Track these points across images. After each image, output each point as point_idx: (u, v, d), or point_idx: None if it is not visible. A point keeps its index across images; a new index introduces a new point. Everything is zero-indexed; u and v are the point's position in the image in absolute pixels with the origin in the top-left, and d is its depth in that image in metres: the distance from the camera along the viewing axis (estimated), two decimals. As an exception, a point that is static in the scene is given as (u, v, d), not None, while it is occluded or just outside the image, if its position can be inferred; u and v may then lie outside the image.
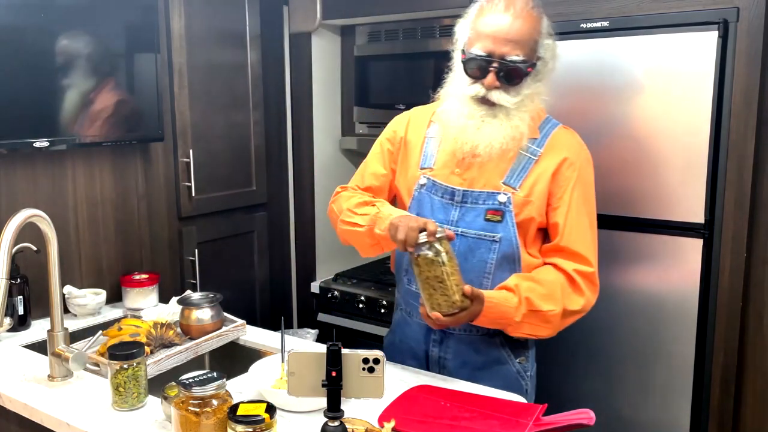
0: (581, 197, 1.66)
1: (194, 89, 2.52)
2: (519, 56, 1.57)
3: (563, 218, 1.64)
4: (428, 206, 1.71)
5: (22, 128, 1.97)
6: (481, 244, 1.65)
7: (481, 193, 1.66)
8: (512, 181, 1.65)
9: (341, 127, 3.08)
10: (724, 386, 2.00)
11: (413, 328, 1.78)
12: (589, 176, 1.69)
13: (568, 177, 1.64)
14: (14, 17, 1.92)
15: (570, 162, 1.65)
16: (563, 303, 1.62)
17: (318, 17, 2.81)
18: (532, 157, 1.65)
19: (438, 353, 1.74)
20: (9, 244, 1.52)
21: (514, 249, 1.65)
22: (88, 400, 1.54)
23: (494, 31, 1.58)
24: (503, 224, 1.64)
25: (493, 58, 1.58)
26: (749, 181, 1.90)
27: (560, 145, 1.67)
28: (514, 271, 1.66)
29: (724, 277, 1.96)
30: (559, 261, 1.65)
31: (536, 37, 1.60)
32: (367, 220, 1.67)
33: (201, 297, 1.96)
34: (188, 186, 2.52)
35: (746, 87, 1.86)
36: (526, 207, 1.64)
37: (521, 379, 1.74)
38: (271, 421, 1.22)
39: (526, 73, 1.59)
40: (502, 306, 1.58)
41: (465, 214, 1.67)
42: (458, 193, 1.68)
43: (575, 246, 1.64)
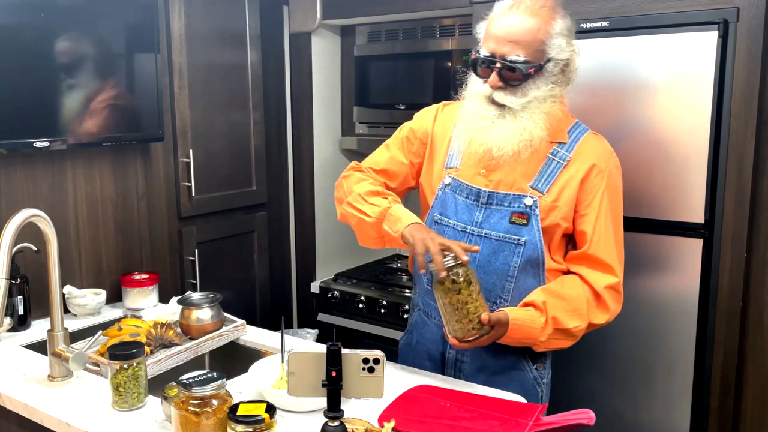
0: (609, 205, 1.64)
1: (194, 89, 2.52)
2: (519, 56, 1.55)
3: (591, 226, 1.62)
4: (452, 206, 1.69)
5: (22, 128, 1.97)
6: (505, 246, 1.63)
7: (507, 195, 1.64)
8: (540, 185, 1.63)
9: (341, 127, 3.08)
10: (724, 386, 2.00)
11: (431, 329, 1.76)
12: (617, 184, 1.67)
13: (597, 184, 1.62)
14: (14, 17, 1.92)
15: (599, 169, 1.63)
16: (588, 318, 1.61)
17: (318, 17, 2.81)
18: (560, 161, 1.63)
19: (455, 356, 1.72)
20: (9, 244, 1.52)
21: (538, 253, 1.62)
22: (88, 400, 1.54)
23: (497, 31, 1.57)
24: (528, 228, 1.62)
25: (495, 58, 1.57)
26: (749, 181, 1.90)
27: (589, 151, 1.64)
28: (537, 276, 1.64)
29: (724, 277, 1.96)
30: (585, 272, 1.63)
31: (542, 37, 1.56)
32: (377, 213, 1.65)
33: (201, 297, 1.96)
34: (188, 186, 2.52)
35: (746, 87, 1.86)
36: (553, 212, 1.62)
37: (537, 385, 1.72)
38: (271, 421, 1.22)
39: (528, 73, 1.57)
40: (528, 327, 1.56)
41: (490, 215, 1.65)
42: (483, 194, 1.66)
43: (602, 255, 1.62)
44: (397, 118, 2.79)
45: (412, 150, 1.80)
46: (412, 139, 1.80)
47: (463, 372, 1.71)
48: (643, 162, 2.00)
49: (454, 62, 2.60)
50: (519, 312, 1.57)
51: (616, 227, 1.66)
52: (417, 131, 1.80)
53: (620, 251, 1.67)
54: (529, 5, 1.57)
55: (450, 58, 2.61)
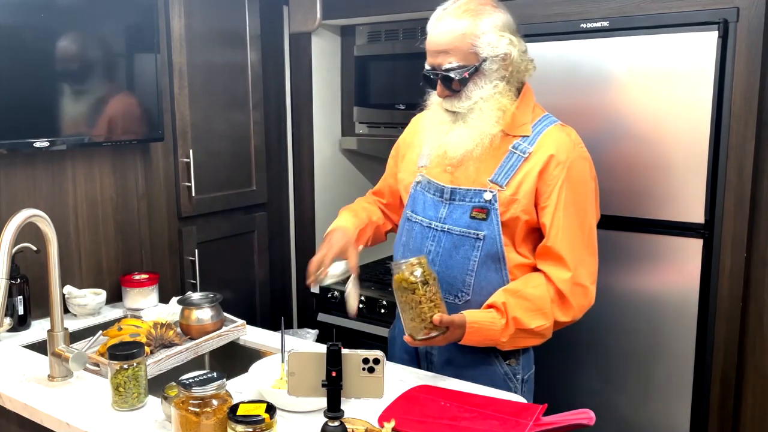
0: (570, 197, 1.61)
1: (194, 89, 2.52)
2: (452, 63, 1.59)
3: (550, 219, 1.61)
4: (421, 203, 1.75)
5: (22, 128, 1.97)
6: (465, 241, 1.65)
7: (468, 190, 1.66)
8: (499, 178, 1.64)
9: (341, 127, 3.08)
10: (724, 386, 2.00)
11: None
12: (581, 175, 1.64)
13: (556, 176, 1.60)
14: (14, 17, 1.92)
15: (558, 161, 1.60)
16: (553, 316, 1.61)
17: (318, 17, 2.81)
18: (521, 155, 1.63)
19: (426, 348, 1.77)
20: (9, 244, 1.52)
21: (498, 248, 1.63)
22: (88, 400, 1.54)
23: (429, 44, 1.63)
24: (488, 222, 1.63)
25: (434, 69, 1.63)
26: (749, 181, 1.90)
27: (550, 143, 1.62)
28: (499, 271, 1.65)
29: (724, 277, 1.96)
30: (547, 268, 1.63)
31: (469, 40, 1.57)
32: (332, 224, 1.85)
33: (201, 297, 1.96)
34: (188, 186, 2.52)
35: (746, 87, 1.86)
36: (513, 205, 1.62)
37: (509, 381, 1.71)
38: (271, 421, 1.22)
39: (464, 78, 1.59)
40: (486, 330, 1.57)
41: (453, 211, 1.68)
42: (447, 191, 1.70)
43: (559, 248, 1.61)
44: (397, 118, 2.79)
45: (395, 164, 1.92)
46: (394, 155, 1.93)
47: (433, 364, 1.76)
48: (643, 162, 2.00)
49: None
50: (478, 314, 1.58)
51: (580, 219, 1.63)
52: (400, 144, 1.92)
53: (586, 244, 1.64)
54: (452, 11, 1.60)
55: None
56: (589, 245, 1.65)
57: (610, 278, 2.10)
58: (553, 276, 1.61)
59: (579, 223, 1.63)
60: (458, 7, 1.59)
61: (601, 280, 2.14)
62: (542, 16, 2.15)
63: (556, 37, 2.11)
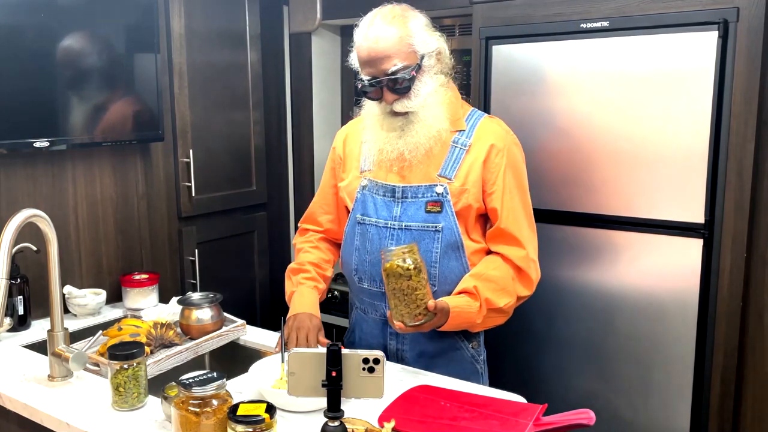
0: (512, 180, 1.73)
1: (194, 89, 2.52)
2: (398, 65, 1.63)
3: (500, 203, 1.71)
4: (371, 205, 1.78)
5: (22, 128, 1.97)
6: (425, 235, 1.72)
7: (419, 187, 1.73)
8: (447, 172, 1.72)
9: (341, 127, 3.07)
10: (724, 386, 2.00)
11: (370, 324, 1.85)
12: (517, 160, 1.76)
13: (498, 163, 1.71)
14: (14, 17, 1.92)
15: (498, 149, 1.72)
16: (516, 292, 1.72)
17: (318, 17, 2.81)
18: (462, 148, 1.73)
19: (396, 345, 1.81)
20: (9, 244, 1.52)
21: (456, 237, 1.72)
22: (88, 400, 1.54)
23: (367, 54, 1.65)
24: (443, 214, 1.71)
25: (379, 77, 1.65)
26: (749, 181, 1.90)
27: (487, 134, 1.74)
28: (459, 259, 1.73)
29: (724, 277, 1.96)
30: (503, 249, 1.73)
31: (408, 40, 1.64)
32: (288, 295, 1.86)
33: (201, 297, 1.96)
34: (188, 186, 2.52)
35: (746, 87, 1.86)
36: (463, 195, 1.71)
37: (476, 362, 1.81)
38: (271, 421, 1.22)
39: (412, 77, 1.65)
40: (466, 313, 1.65)
41: (407, 208, 1.74)
42: (398, 190, 1.75)
43: (513, 229, 1.72)
44: (397, 118, 2.79)
45: (333, 178, 1.93)
46: (337, 162, 1.92)
47: (405, 360, 1.79)
48: (643, 162, 2.00)
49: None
50: (456, 300, 1.66)
51: (523, 200, 1.75)
52: (333, 158, 1.93)
53: (530, 222, 1.76)
54: (382, 21, 1.65)
55: (450, 58, 2.60)
56: (531, 223, 1.77)
57: (610, 278, 2.10)
58: (510, 255, 1.72)
59: (523, 204, 1.75)
60: (384, 16, 1.66)
61: (602, 280, 2.15)
62: (542, 16, 2.15)
63: (556, 37, 2.11)
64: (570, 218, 2.14)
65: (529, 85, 2.16)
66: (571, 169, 2.12)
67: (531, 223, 1.77)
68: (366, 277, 1.81)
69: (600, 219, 2.11)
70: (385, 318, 1.78)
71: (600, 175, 2.09)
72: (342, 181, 1.88)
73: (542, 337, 2.23)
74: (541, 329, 2.23)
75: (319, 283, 1.88)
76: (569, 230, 2.15)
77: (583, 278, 2.15)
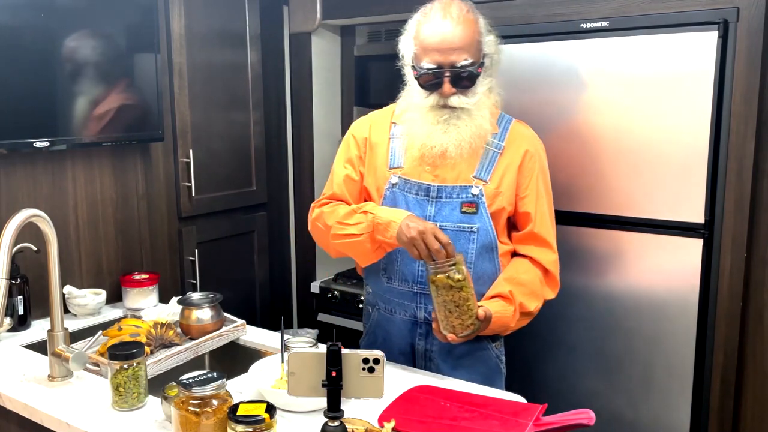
0: (543, 186, 1.77)
1: (194, 89, 2.52)
2: (468, 60, 1.63)
3: (533, 207, 1.74)
4: (403, 204, 1.75)
5: (22, 128, 1.97)
6: (460, 235, 1.72)
7: (454, 187, 1.73)
8: (482, 174, 1.73)
9: (341, 127, 3.08)
10: (724, 386, 2.00)
11: (397, 325, 1.82)
12: (545, 165, 1.80)
13: (531, 168, 1.75)
14: (14, 17, 1.92)
15: (531, 154, 1.75)
16: (543, 296, 1.75)
17: (318, 17, 2.81)
18: (496, 150, 1.74)
19: (424, 346, 1.79)
20: (9, 244, 1.52)
21: (491, 238, 1.72)
22: (88, 400, 1.54)
23: (439, 42, 1.63)
24: (479, 215, 1.72)
25: (444, 68, 1.64)
26: (749, 181, 1.90)
27: (520, 138, 1.77)
28: (493, 260, 1.74)
29: (724, 277, 1.96)
30: (533, 252, 1.75)
31: (478, 37, 1.66)
32: (363, 228, 1.68)
33: (201, 297, 1.96)
34: (188, 186, 2.52)
35: (746, 87, 1.86)
36: (498, 198, 1.72)
37: (499, 362, 1.83)
38: (271, 421, 1.22)
39: (477, 73, 1.67)
40: (503, 318, 1.67)
41: (441, 208, 1.73)
42: (433, 189, 1.73)
43: (544, 233, 1.75)
44: (397, 118, 2.79)
45: (361, 162, 1.84)
46: (357, 153, 1.83)
47: (432, 360, 1.79)
48: (643, 162, 2.00)
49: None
50: (494, 305, 1.67)
51: (550, 205, 1.79)
52: (360, 144, 1.84)
53: (553, 225, 1.81)
54: (458, 13, 1.64)
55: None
56: (554, 226, 1.81)
57: (610, 278, 2.10)
58: (541, 259, 1.75)
59: (550, 208, 1.80)
60: (459, 8, 1.66)
61: (602, 279, 2.15)
62: (542, 16, 2.16)
63: (556, 37, 2.11)
64: (570, 218, 2.14)
65: (529, 85, 2.16)
66: (572, 169, 2.12)
67: (554, 226, 1.80)
68: (396, 276, 1.77)
69: (600, 219, 2.11)
70: (415, 319, 1.78)
71: (600, 175, 2.09)
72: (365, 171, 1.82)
73: (542, 337, 2.23)
74: (541, 329, 2.23)
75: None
76: (569, 230, 2.14)
77: (583, 278, 2.15)
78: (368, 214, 1.69)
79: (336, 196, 1.84)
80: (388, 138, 1.80)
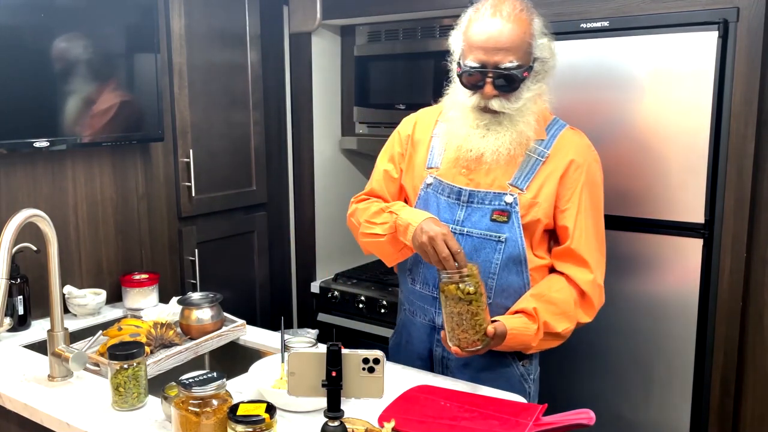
0: (588, 200, 1.65)
1: (194, 89, 2.52)
2: (513, 62, 1.55)
3: (573, 222, 1.63)
4: (434, 205, 1.70)
5: (22, 128, 1.97)
6: (486, 244, 1.64)
7: (487, 193, 1.65)
8: (519, 182, 1.64)
9: (341, 127, 3.08)
10: (724, 386, 2.00)
11: (418, 327, 1.78)
12: (596, 178, 1.68)
13: (576, 179, 1.64)
14: (14, 17, 1.91)
15: (577, 164, 1.64)
16: (576, 318, 1.64)
17: (318, 17, 2.81)
18: (539, 158, 1.65)
19: (442, 353, 1.74)
20: (9, 244, 1.52)
21: (519, 250, 1.64)
22: (88, 400, 1.54)
23: (485, 40, 1.55)
24: (509, 225, 1.63)
25: (487, 68, 1.56)
26: (749, 181, 1.90)
27: (567, 146, 1.66)
28: (520, 273, 1.65)
29: (724, 277, 1.96)
30: (570, 270, 1.65)
31: (529, 39, 1.57)
32: (387, 228, 1.67)
33: (201, 297, 1.96)
34: (188, 186, 2.52)
35: (746, 87, 1.86)
36: (533, 209, 1.63)
37: (524, 381, 1.74)
38: (271, 421, 1.22)
39: (523, 77, 1.57)
40: (522, 335, 1.58)
41: (471, 214, 1.66)
42: (464, 193, 1.67)
43: (582, 251, 1.64)
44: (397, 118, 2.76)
45: (402, 160, 1.80)
46: (400, 151, 1.80)
47: (449, 369, 1.73)
48: (642, 162, 2.00)
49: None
50: (514, 321, 1.58)
51: (596, 221, 1.67)
52: (403, 141, 1.80)
53: (600, 245, 1.69)
54: (509, 11, 1.55)
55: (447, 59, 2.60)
56: (601, 246, 1.69)
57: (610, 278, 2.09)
58: (576, 278, 1.64)
59: (595, 226, 1.67)
60: (511, 7, 1.56)
61: (602, 280, 2.14)
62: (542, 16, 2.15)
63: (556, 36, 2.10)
64: (570, 218, 2.14)
65: (529, 85, 2.16)
66: (571, 169, 2.12)
67: (601, 247, 1.68)
68: (419, 279, 1.73)
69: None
70: (433, 324, 1.73)
71: (600, 175, 2.08)
72: (405, 168, 1.78)
73: (542, 337, 2.23)
74: (541, 329, 2.23)
75: None
76: (569, 230, 2.14)
77: (583, 278, 2.15)
78: (393, 214, 1.66)
79: (374, 192, 1.81)
80: (430, 136, 1.75)
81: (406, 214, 1.63)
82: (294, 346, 1.61)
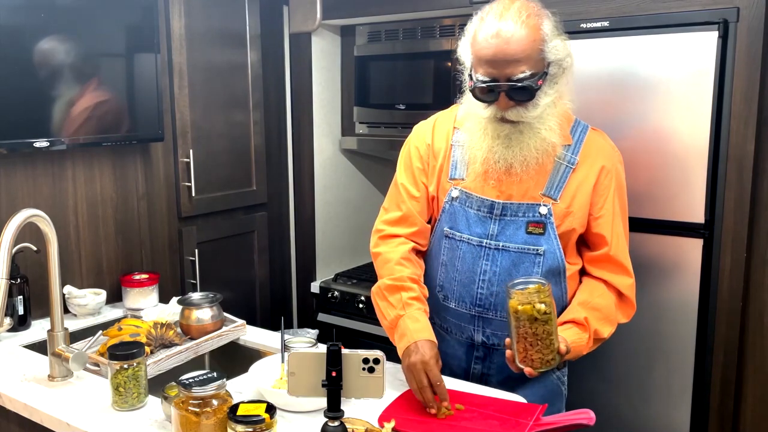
0: (619, 204, 1.64)
1: (194, 89, 2.52)
2: (525, 72, 1.47)
3: (609, 229, 1.61)
4: (463, 220, 1.64)
5: (22, 128, 1.97)
6: (524, 258, 1.60)
7: (521, 205, 1.60)
8: (552, 192, 1.59)
9: (341, 127, 3.08)
10: (724, 386, 2.00)
11: (453, 345, 1.72)
12: (623, 180, 1.67)
13: (607, 186, 1.61)
14: (14, 17, 1.92)
15: (607, 170, 1.62)
16: (617, 321, 1.65)
17: (318, 17, 2.81)
18: (569, 165, 1.60)
19: (481, 370, 1.70)
20: (9, 244, 1.52)
21: (559, 262, 1.60)
22: (88, 400, 1.54)
23: (492, 54, 1.47)
24: (546, 237, 1.59)
25: (499, 81, 1.48)
26: (749, 181, 1.90)
27: (596, 152, 1.62)
28: (559, 284, 1.62)
29: (724, 277, 1.96)
30: (608, 276, 1.64)
31: (539, 45, 1.48)
32: (390, 319, 1.60)
33: (201, 297, 1.96)
34: (188, 186, 2.52)
35: (746, 87, 1.86)
36: (568, 218, 1.59)
37: (561, 384, 1.74)
38: (271, 421, 1.22)
39: (537, 86, 1.50)
40: (578, 347, 1.55)
41: (505, 227, 1.61)
42: (497, 206, 1.61)
43: (621, 256, 1.63)
44: (397, 118, 2.79)
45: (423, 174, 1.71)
46: (420, 166, 1.71)
47: (489, 383, 1.68)
48: (643, 162, 2.00)
49: (454, 62, 2.59)
50: (569, 333, 1.55)
51: (625, 223, 1.67)
52: (423, 154, 1.71)
53: (628, 245, 1.69)
54: (515, 19, 1.47)
55: (450, 58, 2.60)
56: (628, 245, 1.68)
57: (610, 278, 2.10)
58: (617, 283, 1.63)
59: (625, 227, 1.67)
60: (518, 13, 1.47)
61: (601, 280, 2.13)
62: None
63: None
64: (570, 218, 2.14)
65: (529, 85, 2.16)
66: (571, 169, 2.12)
67: (628, 246, 1.67)
68: (453, 296, 1.66)
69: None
70: (472, 341, 1.67)
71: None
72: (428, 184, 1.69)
73: (542, 337, 2.23)
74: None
75: (426, 306, 1.62)
76: (569, 230, 2.14)
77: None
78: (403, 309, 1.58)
79: (405, 218, 1.70)
80: (450, 145, 1.67)
81: (410, 323, 1.55)
82: (294, 346, 1.61)
